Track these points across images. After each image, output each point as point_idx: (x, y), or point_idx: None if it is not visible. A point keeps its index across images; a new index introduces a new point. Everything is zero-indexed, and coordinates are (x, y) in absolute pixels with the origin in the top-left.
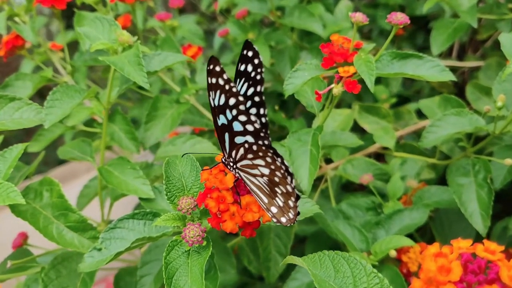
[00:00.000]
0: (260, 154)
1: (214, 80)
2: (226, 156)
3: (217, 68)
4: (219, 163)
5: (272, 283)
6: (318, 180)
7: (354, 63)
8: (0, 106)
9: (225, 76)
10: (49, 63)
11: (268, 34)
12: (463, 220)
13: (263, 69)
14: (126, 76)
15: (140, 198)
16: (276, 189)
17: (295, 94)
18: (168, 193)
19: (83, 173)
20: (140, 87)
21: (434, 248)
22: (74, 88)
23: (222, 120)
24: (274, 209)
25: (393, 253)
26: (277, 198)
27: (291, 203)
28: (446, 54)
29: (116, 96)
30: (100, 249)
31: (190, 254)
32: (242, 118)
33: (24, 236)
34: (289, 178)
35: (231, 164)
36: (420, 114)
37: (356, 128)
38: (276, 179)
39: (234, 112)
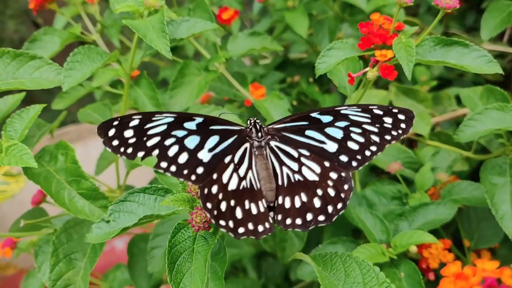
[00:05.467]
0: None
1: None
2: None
3: None
4: None
5: (286, 264)
6: None
7: (393, 46)
8: (20, 64)
9: None
10: (81, 20)
11: (308, 3)
12: (492, 219)
13: (402, 136)
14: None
15: (156, 171)
16: None
17: (328, 73)
18: None
19: None
20: (173, 48)
21: (454, 267)
22: (96, 50)
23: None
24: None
25: (413, 249)
26: None
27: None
28: (496, 38)
29: (139, 62)
30: (108, 221)
31: (196, 239)
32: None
33: (43, 193)
34: None
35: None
36: (460, 101)
37: None
38: None
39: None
